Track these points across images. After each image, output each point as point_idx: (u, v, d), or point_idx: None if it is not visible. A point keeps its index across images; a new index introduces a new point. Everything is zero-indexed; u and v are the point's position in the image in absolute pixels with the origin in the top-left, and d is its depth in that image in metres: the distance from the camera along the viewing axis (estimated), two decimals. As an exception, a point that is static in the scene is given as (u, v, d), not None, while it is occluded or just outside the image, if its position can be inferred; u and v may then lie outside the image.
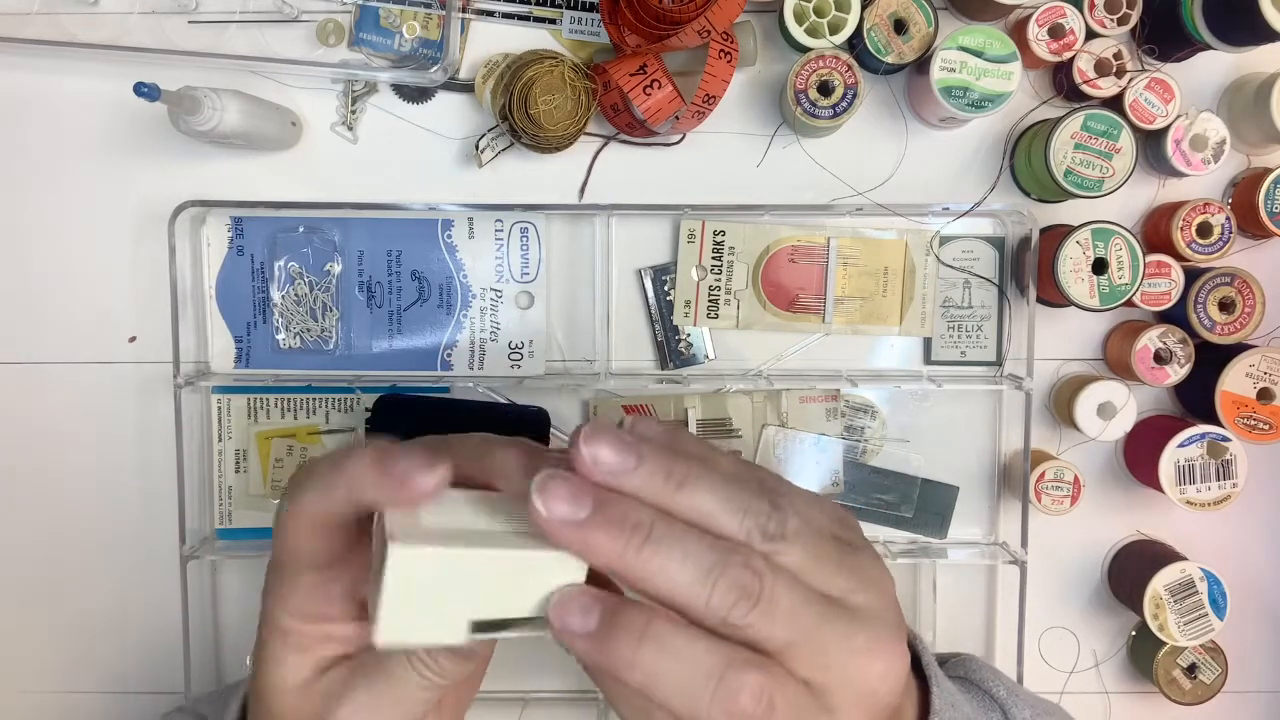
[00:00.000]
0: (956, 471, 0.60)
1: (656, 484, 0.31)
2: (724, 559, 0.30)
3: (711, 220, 0.59)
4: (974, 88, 0.54)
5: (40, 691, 0.63)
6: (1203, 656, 0.59)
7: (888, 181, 0.59)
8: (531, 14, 0.58)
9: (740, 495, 0.31)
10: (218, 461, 0.60)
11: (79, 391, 0.61)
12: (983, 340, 0.60)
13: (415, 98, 0.59)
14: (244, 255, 0.59)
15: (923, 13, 0.55)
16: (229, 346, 0.60)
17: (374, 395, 0.58)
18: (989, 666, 0.42)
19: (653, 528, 0.30)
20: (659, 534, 0.30)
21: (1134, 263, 0.55)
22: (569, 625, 0.30)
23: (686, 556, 0.30)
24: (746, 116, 0.59)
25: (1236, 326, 0.56)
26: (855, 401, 0.60)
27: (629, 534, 0.30)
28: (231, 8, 0.58)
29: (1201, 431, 0.56)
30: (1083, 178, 0.54)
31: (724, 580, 0.29)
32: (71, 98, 0.59)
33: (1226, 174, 0.59)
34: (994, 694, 0.41)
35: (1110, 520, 0.61)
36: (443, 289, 0.59)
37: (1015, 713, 0.40)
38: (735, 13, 0.51)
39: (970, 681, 0.42)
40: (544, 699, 0.62)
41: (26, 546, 0.62)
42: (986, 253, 0.59)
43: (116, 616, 0.62)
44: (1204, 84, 0.59)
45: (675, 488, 0.31)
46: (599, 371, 0.59)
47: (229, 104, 0.52)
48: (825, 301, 0.59)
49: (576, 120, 0.55)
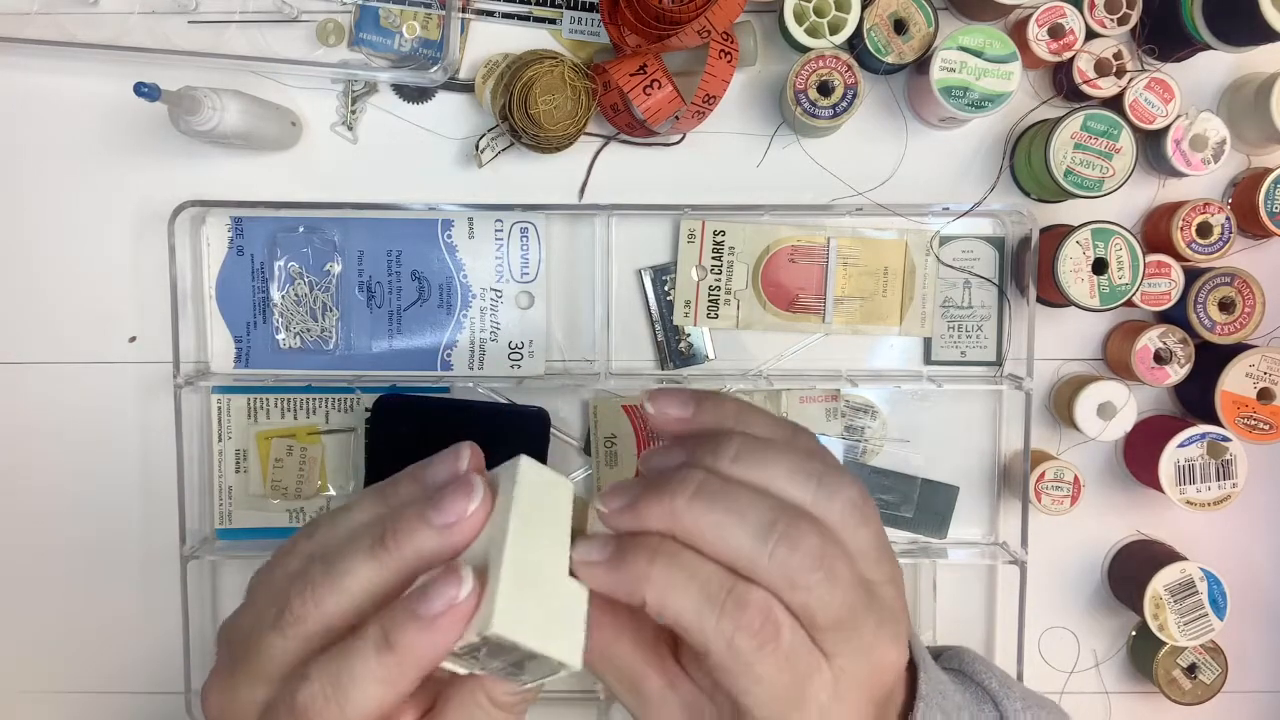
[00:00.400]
0: (956, 471, 0.60)
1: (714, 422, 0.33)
2: (792, 522, 0.30)
3: (711, 220, 0.59)
4: (974, 88, 0.54)
5: (40, 691, 0.63)
6: (1203, 656, 0.59)
7: (888, 181, 0.59)
8: (531, 14, 0.58)
9: (813, 463, 0.32)
10: (218, 461, 0.60)
11: (79, 391, 0.61)
12: (983, 340, 0.60)
13: (415, 98, 0.59)
14: (244, 255, 0.59)
15: (923, 13, 0.55)
16: (229, 346, 0.60)
17: (374, 395, 0.58)
18: (982, 659, 0.43)
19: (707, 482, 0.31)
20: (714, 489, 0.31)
21: (1134, 263, 0.55)
22: (589, 556, 0.31)
23: (755, 509, 0.31)
24: (746, 116, 0.59)
25: (1236, 326, 0.56)
26: (855, 401, 0.60)
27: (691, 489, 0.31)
28: (231, 8, 0.58)
29: (1201, 431, 0.56)
30: (1083, 178, 0.54)
31: (791, 542, 0.30)
32: (71, 98, 0.59)
33: (1226, 174, 0.59)
34: (986, 685, 0.41)
35: (1110, 520, 0.61)
36: (443, 289, 0.59)
37: (1007, 705, 0.40)
38: (735, 13, 0.51)
39: (963, 673, 0.42)
40: (544, 699, 0.62)
41: (26, 546, 0.62)
42: (986, 253, 0.59)
43: (116, 616, 0.62)
44: (1204, 84, 0.59)
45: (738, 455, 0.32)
46: (599, 371, 0.59)
47: (229, 104, 0.52)
48: (825, 301, 0.59)
49: (576, 120, 0.55)
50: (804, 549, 0.30)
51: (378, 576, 0.31)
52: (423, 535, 0.31)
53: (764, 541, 0.30)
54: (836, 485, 0.32)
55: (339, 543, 0.32)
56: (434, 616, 0.29)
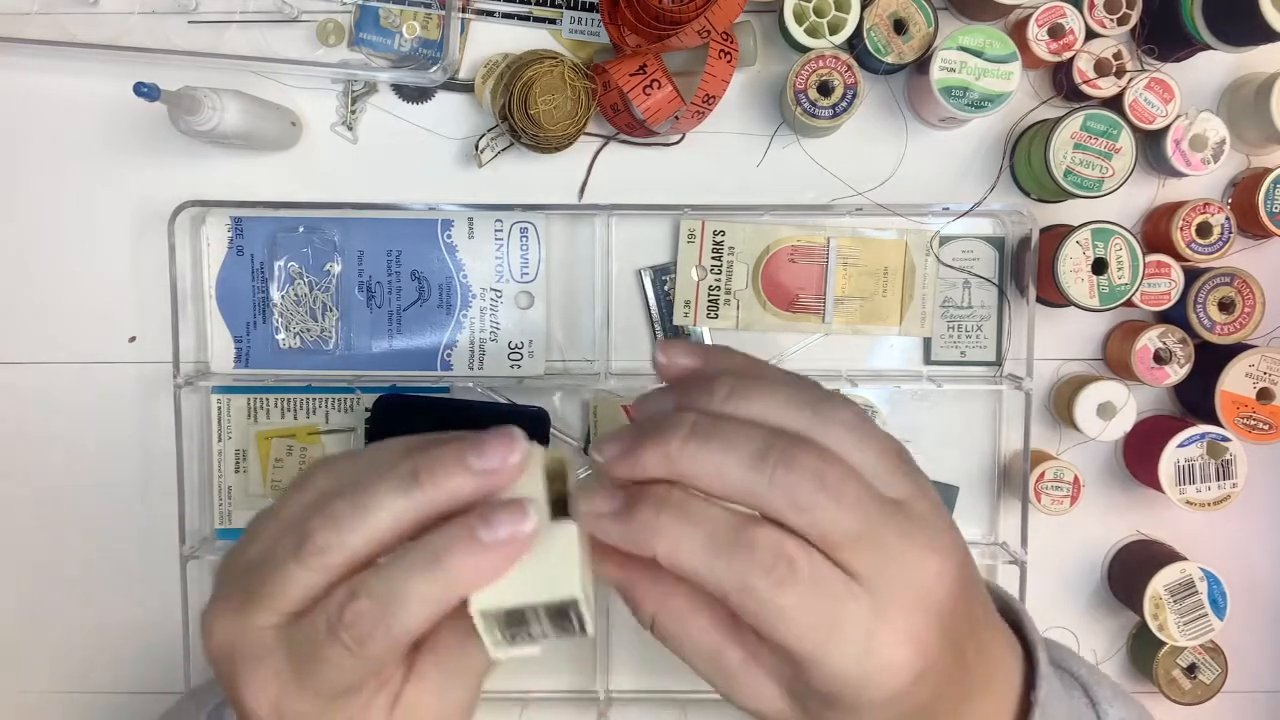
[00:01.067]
0: (956, 471, 0.60)
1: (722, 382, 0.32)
2: (788, 447, 0.30)
3: (711, 220, 0.59)
4: (974, 88, 0.54)
5: (40, 691, 0.63)
6: (1203, 656, 0.59)
7: (888, 181, 0.59)
8: (531, 14, 0.58)
9: (807, 393, 0.32)
10: (218, 461, 0.60)
11: (79, 391, 0.61)
12: (983, 340, 0.60)
13: (415, 98, 0.59)
14: (244, 255, 0.59)
15: (923, 13, 0.55)
16: (229, 346, 0.60)
17: (374, 395, 0.58)
18: (1065, 647, 0.42)
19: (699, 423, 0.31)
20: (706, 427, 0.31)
21: (1134, 263, 0.55)
22: (597, 507, 0.31)
23: (749, 440, 0.30)
24: (746, 116, 0.59)
25: (1236, 326, 0.56)
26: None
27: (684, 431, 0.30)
28: (231, 8, 0.58)
29: (1201, 431, 0.56)
30: (1082, 178, 0.54)
31: (787, 464, 0.30)
32: (71, 98, 0.59)
33: (1226, 174, 0.59)
34: (1075, 673, 0.40)
35: (1110, 520, 0.61)
36: (443, 289, 0.59)
37: (1097, 691, 0.39)
38: (735, 13, 0.51)
39: (1063, 668, 0.41)
40: (544, 699, 0.62)
41: (26, 546, 0.62)
42: (986, 253, 0.59)
43: (116, 616, 0.62)
44: (1204, 84, 0.59)
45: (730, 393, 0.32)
46: (599, 371, 0.59)
47: (229, 104, 0.52)
48: (825, 301, 0.59)
49: (576, 120, 0.55)
50: (801, 468, 0.29)
51: (406, 514, 0.31)
52: (460, 478, 0.31)
53: (760, 469, 0.29)
54: (830, 409, 0.32)
55: (365, 478, 0.32)
56: (495, 544, 0.30)
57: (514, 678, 0.61)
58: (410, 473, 0.31)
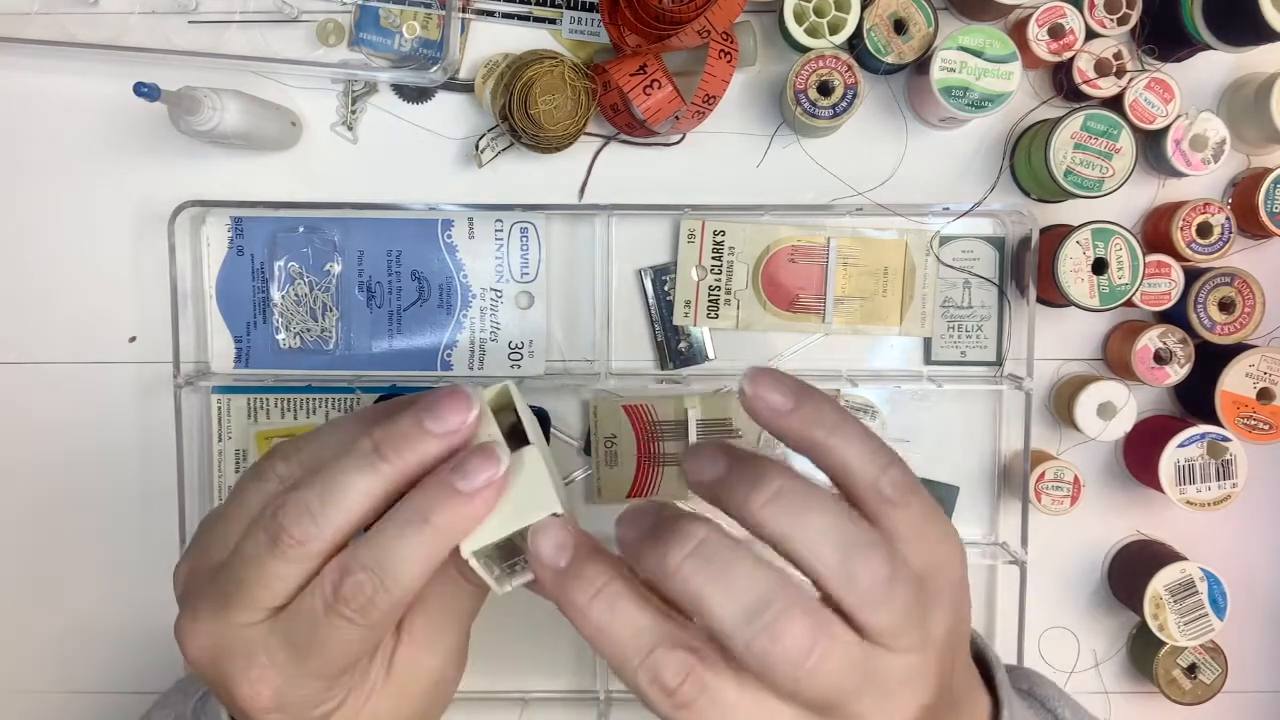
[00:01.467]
0: (956, 471, 0.60)
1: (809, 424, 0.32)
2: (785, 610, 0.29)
3: (711, 220, 0.59)
4: (974, 88, 0.54)
5: (40, 691, 0.63)
6: (1203, 656, 0.59)
7: (888, 181, 0.59)
8: (531, 14, 0.58)
9: (844, 531, 0.30)
10: (218, 461, 0.60)
11: (79, 391, 0.61)
12: (983, 340, 0.60)
13: (415, 98, 0.59)
14: (244, 255, 0.59)
15: (923, 13, 0.55)
16: (229, 346, 0.60)
17: (374, 395, 0.58)
18: (1053, 684, 0.41)
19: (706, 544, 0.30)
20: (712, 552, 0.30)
21: (1134, 263, 0.55)
22: (541, 551, 0.32)
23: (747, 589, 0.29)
24: (746, 116, 0.59)
25: (1236, 326, 0.56)
26: (855, 401, 0.60)
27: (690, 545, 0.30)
28: (231, 8, 0.58)
29: (1201, 431, 0.56)
30: (1083, 178, 0.54)
31: (774, 632, 0.28)
32: (71, 98, 0.59)
33: (1226, 174, 0.59)
34: (1059, 715, 0.40)
35: (1110, 520, 0.61)
36: (443, 289, 0.59)
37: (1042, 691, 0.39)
38: (735, 13, 0.51)
39: (1034, 697, 0.41)
40: (544, 699, 0.62)
41: (26, 546, 0.62)
42: (986, 253, 0.59)
43: (116, 616, 0.62)
44: (1204, 84, 0.59)
45: (826, 433, 0.31)
46: (599, 371, 0.59)
47: (229, 104, 0.52)
48: (825, 301, 0.59)
49: (576, 120, 0.55)
50: (786, 644, 0.28)
51: (377, 489, 0.32)
52: (424, 444, 0.32)
53: (746, 627, 0.28)
54: (866, 559, 0.29)
55: (325, 462, 0.32)
56: (474, 492, 0.31)
57: (514, 678, 0.61)
58: (372, 449, 0.32)
